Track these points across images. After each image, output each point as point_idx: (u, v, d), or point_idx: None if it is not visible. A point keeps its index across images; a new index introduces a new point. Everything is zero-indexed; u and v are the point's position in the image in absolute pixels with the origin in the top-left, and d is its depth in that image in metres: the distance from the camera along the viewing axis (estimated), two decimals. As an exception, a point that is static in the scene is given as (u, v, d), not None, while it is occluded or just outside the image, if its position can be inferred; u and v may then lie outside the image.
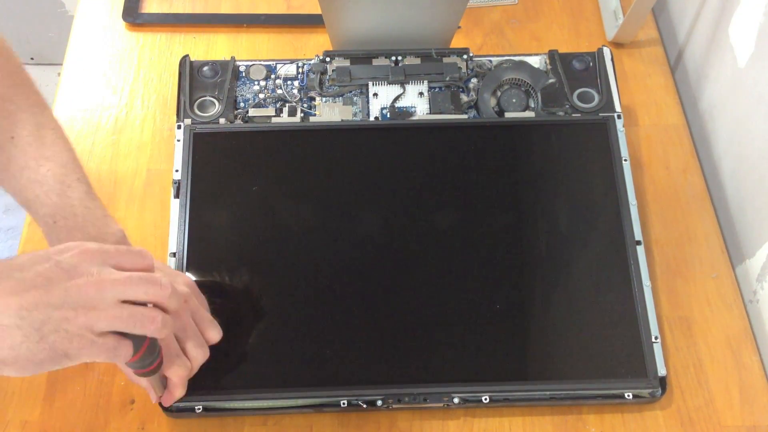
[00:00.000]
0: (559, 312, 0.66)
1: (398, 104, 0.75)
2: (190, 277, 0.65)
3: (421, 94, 0.76)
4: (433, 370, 0.64)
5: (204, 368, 0.62)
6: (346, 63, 0.77)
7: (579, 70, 0.77)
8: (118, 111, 0.81)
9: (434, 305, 0.66)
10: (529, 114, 0.75)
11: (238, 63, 0.77)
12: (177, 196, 0.69)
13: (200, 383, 0.63)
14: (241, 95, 0.76)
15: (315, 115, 0.75)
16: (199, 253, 0.67)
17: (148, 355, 0.52)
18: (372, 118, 0.75)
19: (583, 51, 0.78)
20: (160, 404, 0.62)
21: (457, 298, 0.67)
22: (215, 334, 0.60)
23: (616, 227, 0.69)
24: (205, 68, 0.76)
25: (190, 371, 0.59)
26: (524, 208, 0.71)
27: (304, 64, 0.77)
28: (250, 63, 0.77)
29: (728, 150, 0.78)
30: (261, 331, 0.65)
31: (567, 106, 0.75)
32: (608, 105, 0.75)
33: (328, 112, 0.75)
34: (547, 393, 0.63)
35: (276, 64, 0.78)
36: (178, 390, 0.59)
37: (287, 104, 0.75)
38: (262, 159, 0.73)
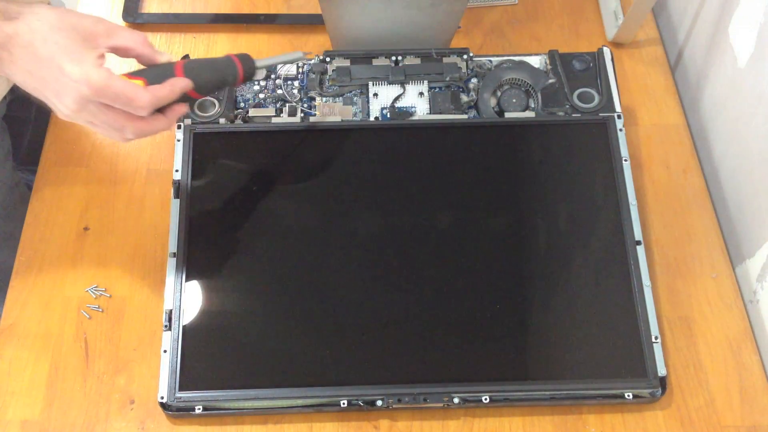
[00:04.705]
0: (559, 312, 0.66)
1: (398, 104, 0.75)
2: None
3: (421, 94, 0.76)
4: (433, 370, 0.64)
5: (204, 368, 0.62)
6: (346, 63, 0.77)
7: (579, 70, 0.77)
8: (118, 111, 0.81)
9: (434, 305, 0.66)
10: (529, 114, 0.75)
11: (238, 63, 0.77)
12: (177, 196, 0.69)
13: (200, 383, 0.63)
14: (241, 95, 0.76)
15: (315, 115, 0.75)
16: (199, 253, 0.67)
17: None
18: (372, 118, 0.75)
19: (583, 51, 0.78)
20: (160, 403, 0.62)
21: (457, 298, 0.67)
22: None
23: (616, 227, 0.69)
24: (205, 68, 0.76)
25: None
26: (524, 208, 0.71)
27: (304, 64, 0.77)
28: (250, 63, 0.77)
29: (728, 150, 0.78)
30: (261, 331, 0.65)
31: (567, 106, 0.75)
32: (608, 105, 0.75)
33: (328, 112, 0.75)
34: (547, 393, 0.63)
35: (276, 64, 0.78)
36: None
37: (287, 104, 0.75)
38: (262, 159, 0.73)
